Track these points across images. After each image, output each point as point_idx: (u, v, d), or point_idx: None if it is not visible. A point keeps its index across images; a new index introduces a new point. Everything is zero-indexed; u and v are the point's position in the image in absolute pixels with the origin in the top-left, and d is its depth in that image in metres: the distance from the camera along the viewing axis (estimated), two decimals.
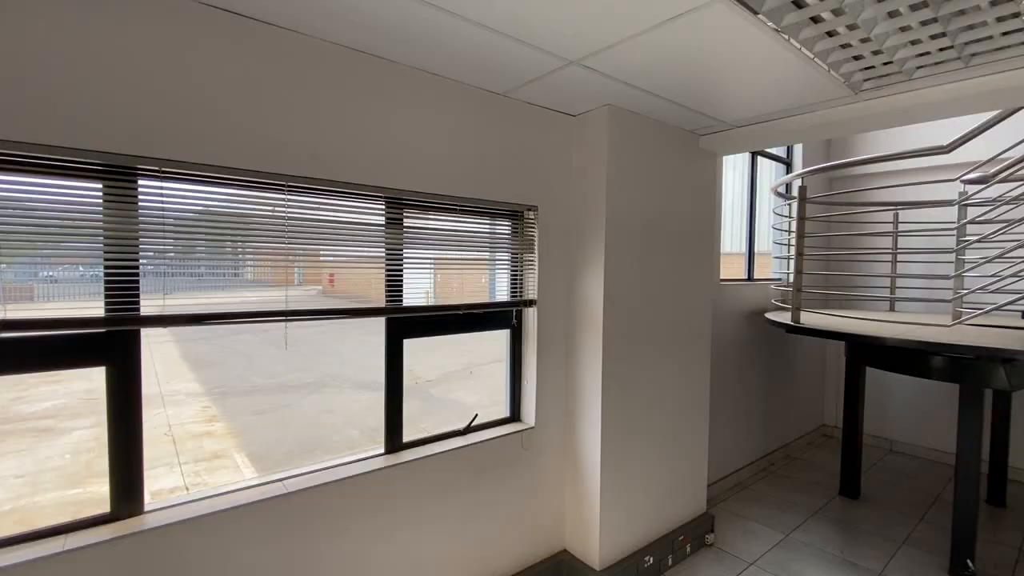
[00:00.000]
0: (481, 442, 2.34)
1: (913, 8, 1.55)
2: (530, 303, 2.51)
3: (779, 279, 4.16)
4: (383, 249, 2.01)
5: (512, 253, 2.49)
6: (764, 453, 4.24)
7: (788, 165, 4.64)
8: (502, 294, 2.51)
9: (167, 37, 1.50)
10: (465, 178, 2.21)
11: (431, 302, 2.20)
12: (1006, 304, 2.59)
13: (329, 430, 6.09)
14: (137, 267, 1.50)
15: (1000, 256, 2.60)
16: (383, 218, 2.01)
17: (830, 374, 5.12)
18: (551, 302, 2.56)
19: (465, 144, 2.20)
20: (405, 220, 2.07)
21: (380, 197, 1.98)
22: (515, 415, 2.59)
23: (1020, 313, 2.89)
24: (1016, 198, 2.78)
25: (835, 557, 2.91)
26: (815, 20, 1.64)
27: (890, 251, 3.63)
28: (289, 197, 1.76)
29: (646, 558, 2.63)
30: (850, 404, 3.66)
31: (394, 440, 2.13)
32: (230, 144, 1.61)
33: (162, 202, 1.53)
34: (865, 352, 3.29)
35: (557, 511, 2.65)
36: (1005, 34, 1.70)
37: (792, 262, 3.30)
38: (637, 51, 1.82)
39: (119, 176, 1.46)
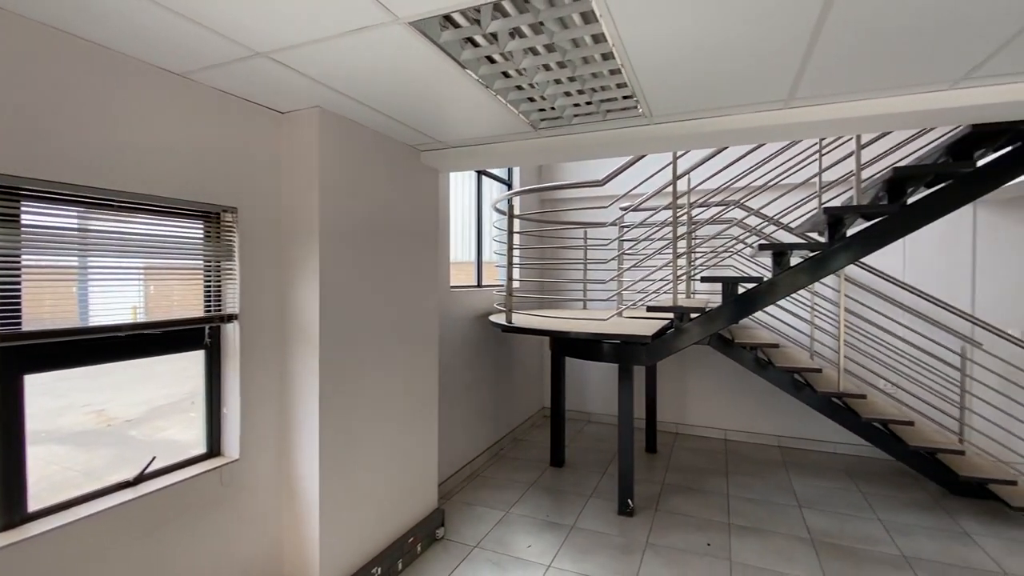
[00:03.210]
0: (163, 489, 1.94)
1: (561, 66, 1.91)
2: (230, 318, 2.20)
3: (501, 285, 4.70)
4: None
5: (206, 261, 2.14)
6: (495, 440, 4.72)
7: (509, 185, 5.29)
8: (194, 309, 2.14)
9: None
10: (137, 169, 1.81)
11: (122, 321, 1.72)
12: (640, 301, 3.46)
13: None
14: None
15: (633, 266, 3.45)
16: None
17: (547, 364, 6.04)
18: (259, 315, 2.30)
19: (133, 130, 1.80)
20: (24, 218, 1.57)
21: None
22: (214, 449, 2.24)
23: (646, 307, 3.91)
24: (644, 223, 3.76)
25: (543, 521, 3.41)
26: (491, 60, 1.87)
27: (582, 261, 4.49)
28: None
29: (373, 570, 2.60)
30: (555, 387, 4.37)
31: (10, 513, 1.58)
32: None
33: None
34: (561, 344, 3.97)
35: (272, 543, 2.39)
36: (625, 98, 2.24)
37: (506, 270, 3.77)
38: (330, 56, 1.77)
39: None
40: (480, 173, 4.59)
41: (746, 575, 2.79)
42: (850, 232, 3.14)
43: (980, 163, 2.72)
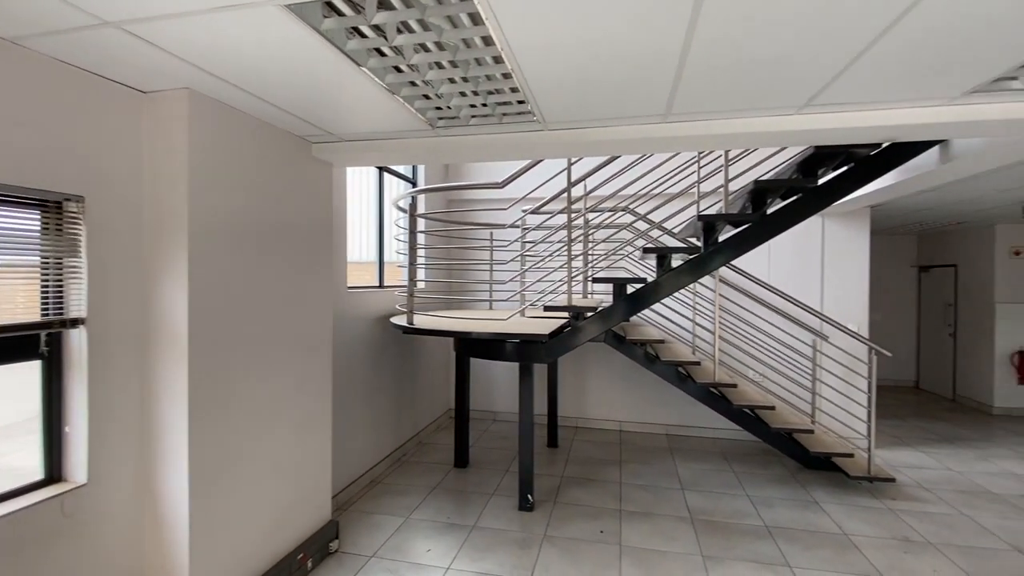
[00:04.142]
0: None
1: (453, 65, 1.91)
2: (74, 322, 1.92)
3: (405, 286, 4.60)
4: None
5: (43, 257, 1.85)
6: (398, 444, 4.60)
7: (413, 183, 5.19)
8: (26, 312, 1.84)
9: None
10: None
11: None
12: (537, 300, 3.57)
13: None
14: None
15: (532, 267, 3.55)
16: None
17: (454, 365, 6.01)
18: (113, 319, 2.03)
19: None
20: None
21: None
22: (54, 474, 1.94)
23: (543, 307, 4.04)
24: (540, 226, 3.89)
25: (444, 524, 3.38)
26: (381, 54, 1.82)
27: (487, 261, 4.52)
28: None
29: None
30: (460, 388, 4.36)
31: None
32: None
33: None
34: (464, 344, 3.97)
35: None
36: (520, 102, 2.29)
37: (408, 270, 3.69)
38: (198, 33, 1.61)
39: None
40: (382, 170, 4.45)
41: (633, 557, 2.98)
42: (722, 238, 3.48)
43: (822, 180, 3.15)
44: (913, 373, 8.00)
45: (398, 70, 1.95)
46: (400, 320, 3.79)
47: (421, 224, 5.25)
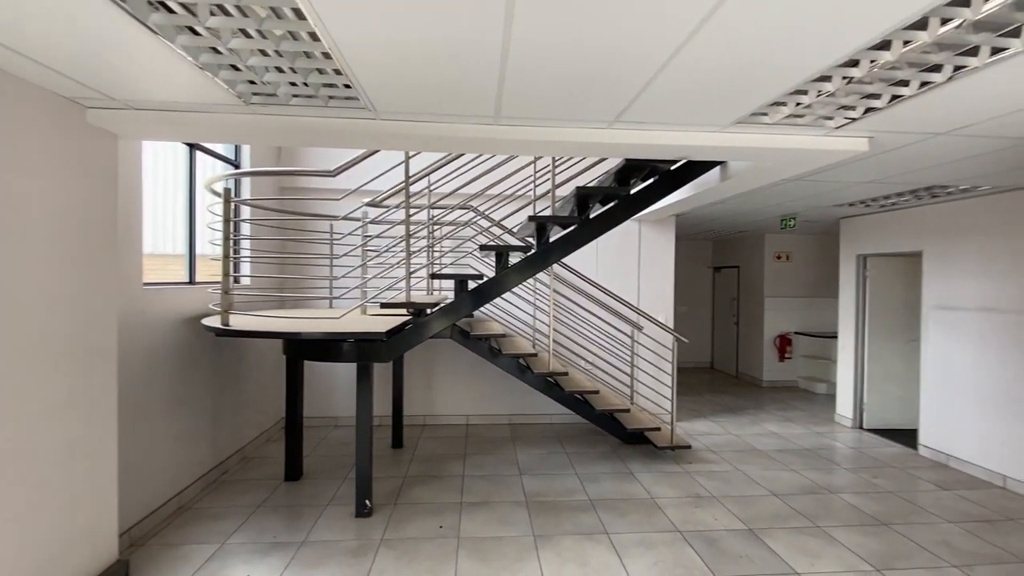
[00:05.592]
0: None
1: (263, 36, 1.71)
2: None
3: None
4: None
5: None
6: (217, 462, 4.05)
7: (236, 165, 4.62)
8: None
9: None
10: None
11: None
12: (374, 298, 3.44)
13: None
14: None
15: (369, 262, 3.42)
16: None
17: None
18: None
19: None
20: None
21: None
22: None
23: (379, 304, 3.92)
24: (379, 220, 3.77)
25: (268, 544, 3.07)
26: (168, 8, 1.56)
27: (327, 256, 4.21)
28: None
29: None
30: (291, 394, 4.01)
31: None
32: None
33: None
34: (294, 346, 3.65)
35: None
36: (346, 86, 2.15)
37: (223, 264, 3.25)
38: None
39: None
40: (192, 147, 3.85)
41: (470, 547, 3.05)
42: (553, 238, 3.75)
43: (634, 190, 3.57)
44: (709, 356, 9.58)
45: (194, 32, 1.70)
46: (214, 321, 3.33)
47: (246, 212, 4.71)
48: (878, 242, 5.50)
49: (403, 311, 3.57)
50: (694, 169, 3.53)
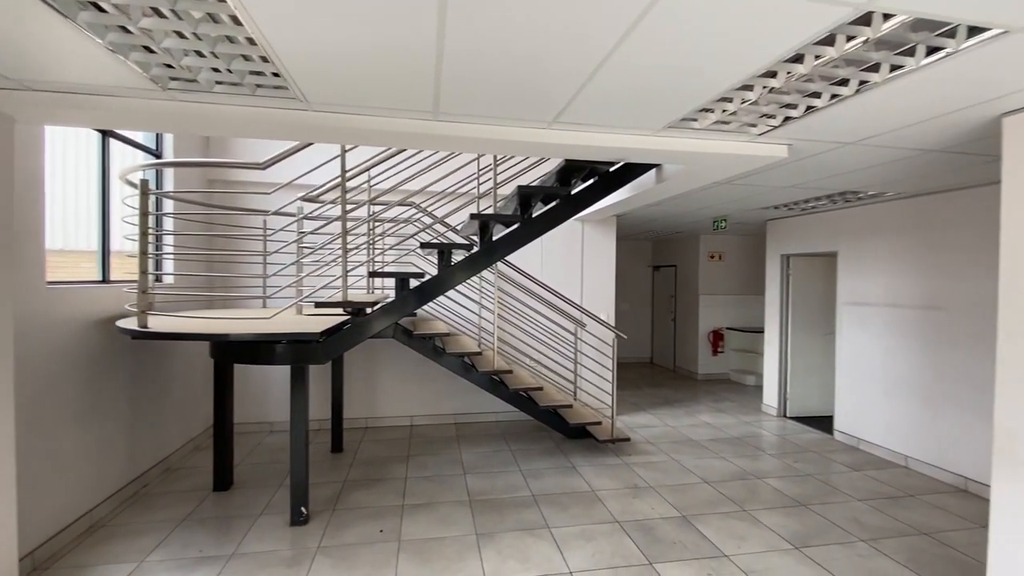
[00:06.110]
0: None
1: (177, 16, 1.60)
2: None
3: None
4: None
5: None
6: (135, 476, 3.75)
7: (157, 155, 4.29)
8: None
9: None
10: None
11: None
12: (311, 295, 3.32)
13: None
14: None
15: (306, 259, 3.29)
16: None
17: None
18: None
19: None
20: None
21: None
22: None
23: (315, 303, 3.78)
24: (314, 215, 3.63)
25: (193, 559, 2.88)
26: None
27: (260, 253, 3.98)
28: None
29: None
30: (219, 399, 3.78)
31: None
32: None
33: None
34: (222, 349, 3.45)
35: None
36: (275, 75, 2.04)
37: (139, 260, 3.01)
38: None
39: None
40: (105, 135, 3.54)
41: (411, 550, 3.00)
42: (496, 236, 3.75)
43: (575, 190, 3.63)
44: (649, 351, 9.94)
45: (99, 8, 1.56)
46: (131, 323, 3.08)
47: (169, 206, 4.40)
48: (800, 243, 5.90)
49: (340, 311, 3.45)
50: (632, 171, 3.64)
